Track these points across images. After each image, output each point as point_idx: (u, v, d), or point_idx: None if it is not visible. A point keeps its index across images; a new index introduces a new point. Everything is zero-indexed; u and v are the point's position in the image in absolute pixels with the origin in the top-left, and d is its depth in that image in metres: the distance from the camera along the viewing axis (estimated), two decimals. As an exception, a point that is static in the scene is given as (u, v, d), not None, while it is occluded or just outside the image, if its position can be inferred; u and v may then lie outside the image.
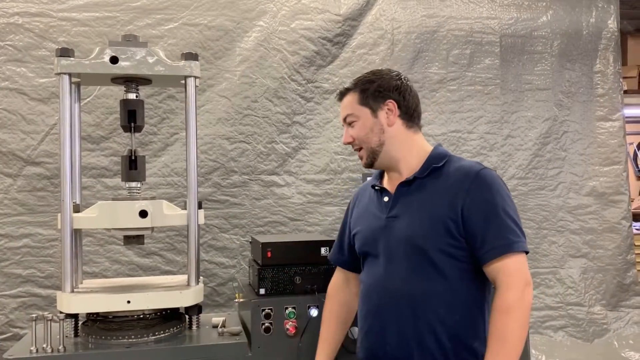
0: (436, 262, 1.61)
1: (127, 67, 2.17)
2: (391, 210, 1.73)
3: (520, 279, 1.54)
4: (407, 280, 1.64)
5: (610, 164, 4.12)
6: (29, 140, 3.20)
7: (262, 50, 3.53)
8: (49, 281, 3.19)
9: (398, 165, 1.76)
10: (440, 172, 1.69)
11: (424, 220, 1.64)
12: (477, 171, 1.65)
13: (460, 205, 1.60)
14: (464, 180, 1.63)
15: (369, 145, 1.77)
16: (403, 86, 1.78)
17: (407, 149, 1.76)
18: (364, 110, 1.76)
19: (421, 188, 1.69)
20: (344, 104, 1.82)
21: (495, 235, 1.57)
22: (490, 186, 1.62)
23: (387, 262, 1.70)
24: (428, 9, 3.84)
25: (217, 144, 3.45)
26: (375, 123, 1.75)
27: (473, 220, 1.59)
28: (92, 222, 2.20)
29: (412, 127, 1.79)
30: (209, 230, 3.42)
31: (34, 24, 3.22)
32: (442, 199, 1.64)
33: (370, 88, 1.76)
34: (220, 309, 3.36)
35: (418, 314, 1.62)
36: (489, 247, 1.57)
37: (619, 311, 4.06)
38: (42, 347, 2.04)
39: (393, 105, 1.75)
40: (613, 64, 4.16)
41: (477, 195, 1.61)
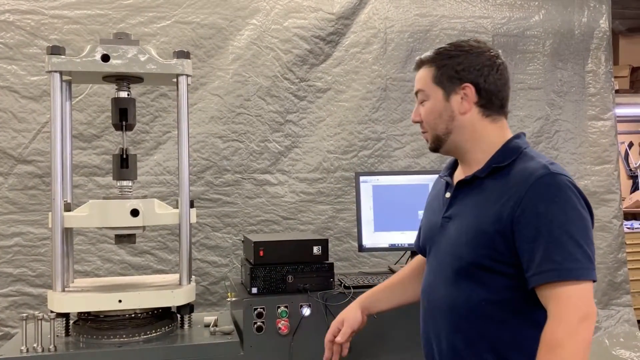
0: (480, 275, 1.41)
1: (119, 66, 2.16)
2: (448, 209, 1.53)
3: (574, 312, 1.26)
4: (451, 292, 1.47)
5: (602, 163, 4.14)
6: (20, 139, 3.18)
7: (255, 49, 3.52)
8: (40, 280, 3.17)
9: (465, 157, 1.53)
10: (504, 172, 1.43)
11: (470, 228, 1.43)
12: (538, 176, 1.35)
13: (511, 216, 1.35)
14: (520, 185, 1.36)
15: (434, 132, 1.53)
16: (488, 66, 1.49)
17: (476, 140, 1.50)
18: (436, 91, 1.51)
19: (479, 189, 1.47)
20: (418, 77, 1.56)
21: (545, 257, 1.30)
22: (550, 196, 1.33)
23: (437, 266, 1.54)
24: (421, 8, 3.85)
25: (210, 142, 3.44)
26: (446, 108, 1.50)
27: (521, 236, 1.34)
28: (83, 221, 2.20)
29: (490, 115, 1.50)
30: (202, 229, 3.41)
31: (25, 22, 3.20)
32: (493, 206, 1.40)
33: (448, 65, 1.49)
34: (212, 308, 3.35)
35: (461, 328, 1.45)
36: (536, 271, 1.31)
37: (610, 309, 4.09)
38: (33, 347, 2.04)
39: (470, 91, 1.48)
40: (605, 63, 4.18)
41: (531, 206, 1.33)
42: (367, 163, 3.69)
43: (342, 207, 3.63)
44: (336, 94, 3.67)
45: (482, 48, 1.52)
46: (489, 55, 1.51)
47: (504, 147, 1.48)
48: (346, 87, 3.68)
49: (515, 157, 1.45)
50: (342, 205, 3.63)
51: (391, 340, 2.36)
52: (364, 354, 2.31)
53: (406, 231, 2.75)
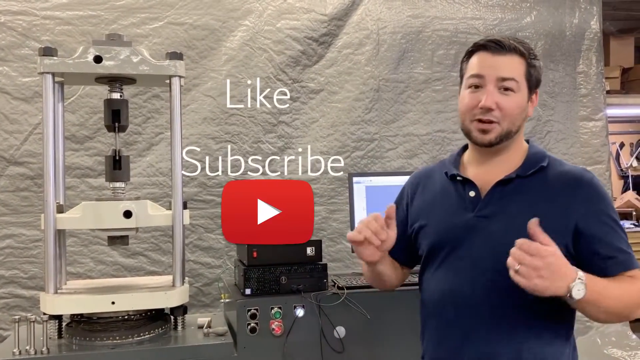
0: None
1: (111, 67, 2.16)
2: (482, 208, 1.49)
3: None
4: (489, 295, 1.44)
5: (594, 164, 4.17)
6: (12, 140, 3.16)
7: (248, 50, 3.52)
8: (32, 282, 3.15)
9: (503, 156, 1.54)
10: (546, 174, 1.49)
11: (522, 229, 1.34)
12: (590, 179, 1.48)
13: (574, 216, 1.43)
14: (576, 187, 1.46)
15: (510, 126, 1.49)
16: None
17: (518, 142, 1.56)
18: (524, 87, 1.50)
19: (521, 189, 1.48)
20: (508, 62, 1.48)
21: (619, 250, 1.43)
22: (604, 197, 1.48)
23: (471, 269, 1.47)
24: (413, 9, 3.86)
25: (203, 143, 3.43)
26: (524, 108, 1.52)
27: (592, 233, 1.42)
28: (76, 222, 2.19)
29: None
30: (195, 230, 3.40)
31: (16, 23, 3.18)
32: (550, 206, 1.44)
33: (537, 67, 1.53)
34: (206, 309, 3.35)
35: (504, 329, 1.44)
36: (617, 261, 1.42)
37: (601, 309, 4.11)
38: (25, 349, 2.03)
39: (537, 98, 1.57)
40: (596, 64, 4.21)
41: (594, 206, 1.45)
42: (360, 164, 3.69)
43: (335, 208, 3.63)
44: (329, 95, 3.67)
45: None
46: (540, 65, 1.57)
47: (535, 150, 1.57)
48: (339, 88, 3.69)
49: (548, 159, 1.53)
50: (335, 206, 3.63)
51: (387, 339, 2.37)
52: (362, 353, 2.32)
53: (399, 232, 2.75)
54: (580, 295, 1.28)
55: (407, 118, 3.82)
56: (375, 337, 2.34)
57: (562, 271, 1.28)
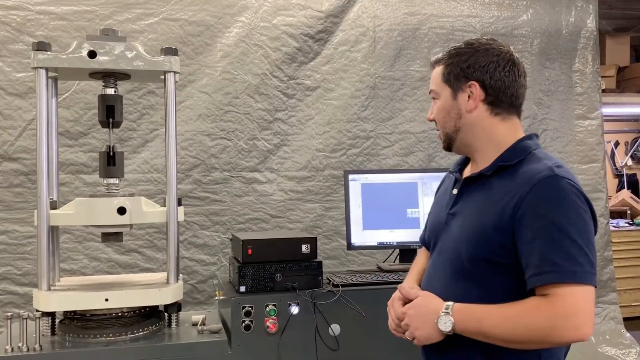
0: (476, 275, 1.41)
1: (105, 62, 2.14)
2: (453, 206, 1.54)
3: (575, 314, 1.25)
4: (447, 288, 1.47)
5: (589, 162, 4.18)
6: (5, 136, 3.15)
7: (244, 46, 3.51)
8: (25, 279, 3.14)
9: (475, 155, 1.54)
10: (511, 173, 1.43)
11: (473, 226, 1.43)
12: (542, 177, 1.35)
13: (512, 216, 1.35)
14: (524, 187, 1.36)
15: (444, 130, 1.54)
16: (495, 63, 1.47)
17: (486, 137, 1.50)
18: (445, 89, 1.53)
19: (484, 188, 1.47)
20: (432, 76, 1.58)
21: (544, 259, 1.28)
22: (553, 198, 1.32)
23: (438, 262, 1.55)
24: (410, 6, 3.85)
25: (198, 140, 3.42)
26: (454, 106, 1.51)
27: (522, 237, 1.33)
28: (69, 219, 2.17)
29: (500, 113, 1.49)
30: (190, 227, 3.39)
31: (10, 17, 3.16)
32: (496, 205, 1.40)
33: (455, 63, 1.50)
34: (200, 307, 3.34)
35: None
36: (536, 271, 1.30)
37: (596, 307, 4.09)
38: (18, 346, 2.01)
39: (476, 88, 1.48)
40: (592, 63, 4.22)
41: (532, 207, 1.33)
42: (356, 161, 3.69)
43: (330, 205, 3.63)
44: (325, 92, 3.66)
45: (491, 45, 1.51)
46: (497, 52, 1.49)
47: (513, 147, 1.47)
48: (335, 86, 3.68)
49: (522, 157, 1.44)
50: (331, 203, 3.63)
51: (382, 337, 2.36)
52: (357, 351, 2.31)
53: (395, 229, 2.75)
54: (448, 328, 1.35)
55: (403, 116, 3.81)
56: (370, 334, 2.34)
57: (425, 315, 1.40)
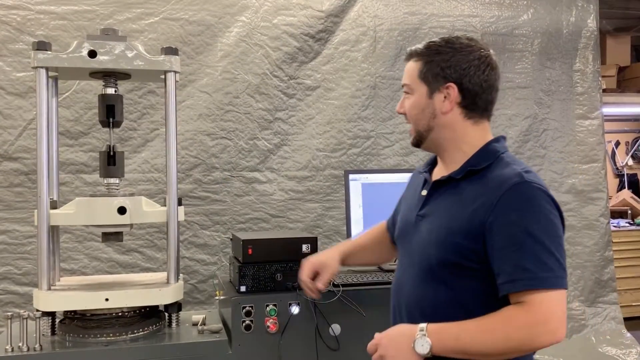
0: (445, 277, 1.42)
1: (106, 62, 2.14)
2: (422, 207, 1.52)
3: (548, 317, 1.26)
4: (415, 290, 1.48)
5: (589, 162, 4.18)
6: (6, 136, 3.14)
7: (244, 46, 3.51)
8: (26, 278, 3.14)
9: (444, 156, 1.53)
10: (480, 177, 1.43)
11: (441, 229, 1.43)
12: (512, 184, 1.34)
13: (483, 222, 1.35)
14: (494, 192, 1.35)
15: (416, 127, 1.53)
16: (475, 66, 1.45)
17: (458, 140, 1.49)
18: (420, 86, 1.49)
19: (454, 191, 1.46)
20: (406, 69, 1.54)
21: (516, 266, 1.29)
22: (524, 204, 1.32)
23: (407, 263, 1.55)
24: (410, 6, 3.85)
25: (198, 140, 3.42)
26: (428, 105, 1.48)
27: (494, 243, 1.33)
28: (70, 218, 2.17)
29: (473, 117, 1.48)
30: (190, 227, 3.39)
31: (10, 17, 3.16)
32: (466, 209, 1.39)
33: (435, 61, 1.47)
34: (201, 307, 3.34)
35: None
36: (508, 278, 1.30)
37: (596, 307, 4.12)
38: (18, 346, 2.01)
39: (453, 91, 1.45)
40: (592, 62, 4.22)
41: (503, 214, 1.32)
42: (357, 161, 3.68)
43: (331, 205, 3.62)
44: (325, 91, 3.66)
45: (473, 47, 1.48)
46: (478, 55, 1.47)
47: (481, 151, 1.47)
48: (335, 85, 3.68)
49: (491, 161, 1.44)
50: (331, 203, 3.62)
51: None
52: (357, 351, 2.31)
53: (395, 229, 2.75)
54: (426, 350, 1.31)
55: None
56: (370, 334, 2.32)
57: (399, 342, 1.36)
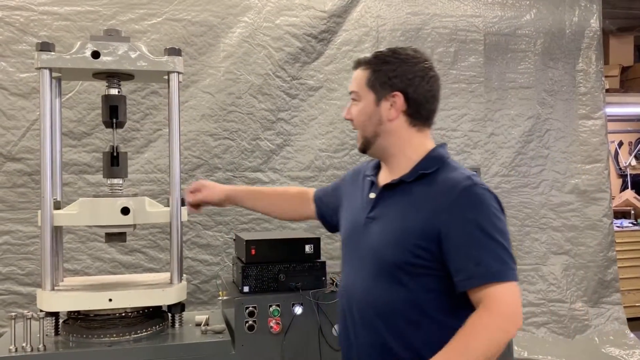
0: (400, 276, 1.46)
1: (109, 62, 2.14)
2: (372, 210, 1.58)
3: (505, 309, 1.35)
4: (369, 291, 1.52)
5: (592, 162, 4.17)
6: (9, 136, 3.15)
7: (247, 47, 3.51)
8: (29, 279, 3.14)
9: (390, 161, 1.60)
10: (430, 180, 1.50)
11: (394, 231, 1.48)
12: (464, 187, 1.43)
13: (439, 223, 1.42)
14: (447, 194, 1.44)
15: (363, 133, 1.60)
16: (420, 77, 1.53)
17: (403, 146, 1.57)
18: (368, 94, 1.56)
19: (405, 193, 1.52)
20: (354, 77, 1.61)
21: (476, 262, 1.37)
22: (476, 205, 1.42)
23: (358, 266, 1.58)
24: (413, 6, 3.85)
25: (201, 140, 3.42)
26: (375, 112, 1.55)
27: (450, 241, 1.40)
28: (73, 219, 2.17)
29: (417, 125, 1.56)
30: (193, 227, 3.39)
31: (14, 18, 3.17)
32: (420, 211, 1.46)
33: (382, 71, 1.54)
34: (204, 307, 3.34)
35: (379, 325, 1.50)
36: (466, 275, 1.38)
37: (599, 307, 4.11)
38: (22, 346, 2.01)
39: (399, 99, 1.53)
40: (595, 62, 4.21)
41: (459, 214, 1.41)
42: (359, 162, 3.68)
43: (333, 205, 3.62)
44: (328, 92, 3.66)
45: (418, 58, 1.56)
46: (422, 67, 1.55)
47: (429, 156, 1.55)
48: (338, 85, 3.68)
49: (439, 165, 1.52)
50: (334, 203, 3.62)
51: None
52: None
53: (398, 230, 2.74)
54: None
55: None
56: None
57: None
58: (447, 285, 1.43)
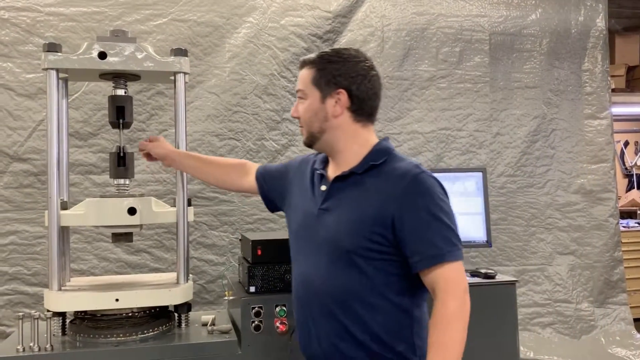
0: (358, 262, 1.54)
1: (116, 63, 2.14)
2: (324, 202, 1.64)
3: (459, 288, 1.47)
4: (328, 278, 1.59)
5: (598, 162, 4.15)
6: (15, 137, 3.16)
7: (252, 47, 3.51)
8: (35, 279, 3.16)
9: (337, 156, 1.67)
10: (379, 171, 1.59)
11: (350, 219, 1.56)
12: (413, 175, 1.54)
13: (392, 209, 1.52)
14: (398, 182, 1.54)
15: (309, 129, 1.67)
16: (362, 75, 1.62)
17: (349, 141, 1.64)
18: (314, 92, 1.65)
19: (356, 185, 1.61)
20: (300, 76, 1.69)
21: (429, 244, 1.48)
22: (425, 192, 1.52)
23: (314, 256, 1.64)
24: (418, 6, 3.84)
25: (207, 140, 3.43)
26: (321, 109, 1.64)
27: (405, 226, 1.50)
28: (80, 219, 2.18)
29: (361, 121, 1.65)
30: (198, 227, 3.40)
31: (20, 19, 3.18)
32: (373, 200, 1.55)
33: (327, 69, 1.63)
34: (209, 307, 3.34)
35: (338, 313, 1.57)
36: (421, 256, 1.49)
37: (606, 308, 4.10)
38: (29, 346, 2.02)
39: (344, 96, 1.61)
40: (601, 62, 4.19)
41: (411, 201, 1.51)
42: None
43: (339, 205, 3.62)
44: (333, 92, 3.65)
45: (360, 58, 1.65)
46: (364, 66, 1.64)
47: (376, 149, 1.64)
48: (343, 86, 3.67)
49: (386, 157, 1.62)
50: (339, 203, 3.62)
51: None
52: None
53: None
54: None
55: (412, 116, 3.81)
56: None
57: None
58: (402, 269, 1.54)
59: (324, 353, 1.61)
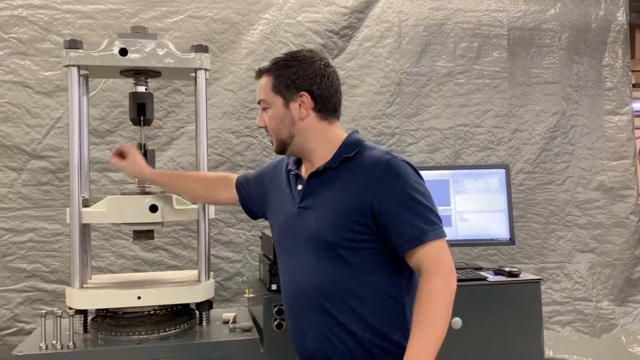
0: (343, 254, 1.57)
1: (137, 60, 2.14)
2: (302, 200, 1.67)
3: (443, 264, 1.50)
4: (316, 274, 1.61)
5: (619, 159, 4.09)
6: (33, 134, 3.16)
7: (268, 43, 3.49)
8: (54, 276, 3.16)
9: (310, 155, 1.69)
10: (352, 162, 1.63)
11: (330, 212, 1.59)
12: (385, 161, 1.57)
13: (370, 197, 1.55)
14: (372, 171, 1.57)
15: (278, 136, 1.70)
16: (320, 74, 1.65)
17: (319, 140, 1.68)
18: (276, 99, 1.67)
19: (332, 179, 1.64)
20: (259, 86, 1.71)
21: (411, 225, 1.52)
22: (399, 176, 1.56)
23: (299, 254, 1.66)
24: (435, 1, 3.81)
25: (223, 138, 3.41)
26: (287, 114, 1.66)
27: (385, 212, 1.54)
28: (102, 216, 2.17)
29: (327, 118, 1.68)
30: (215, 224, 3.39)
31: (38, 17, 3.17)
32: (350, 191, 1.59)
33: (285, 74, 1.65)
34: (226, 304, 3.33)
35: (328, 306, 1.59)
36: (405, 239, 1.52)
37: (626, 306, 4.04)
38: (52, 344, 2.02)
39: (306, 98, 1.64)
40: (622, 57, 4.13)
41: (387, 187, 1.55)
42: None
43: (356, 202, 3.59)
44: (350, 88, 3.63)
45: (314, 57, 1.68)
46: (320, 64, 1.67)
47: (346, 142, 1.67)
48: (360, 82, 3.65)
49: (358, 148, 1.65)
50: (357, 200, 3.59)
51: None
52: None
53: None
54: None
55: (429, 112, 3.77)
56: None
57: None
58: (386, 256, 1.57)
59: (318, 348, 1.62)
